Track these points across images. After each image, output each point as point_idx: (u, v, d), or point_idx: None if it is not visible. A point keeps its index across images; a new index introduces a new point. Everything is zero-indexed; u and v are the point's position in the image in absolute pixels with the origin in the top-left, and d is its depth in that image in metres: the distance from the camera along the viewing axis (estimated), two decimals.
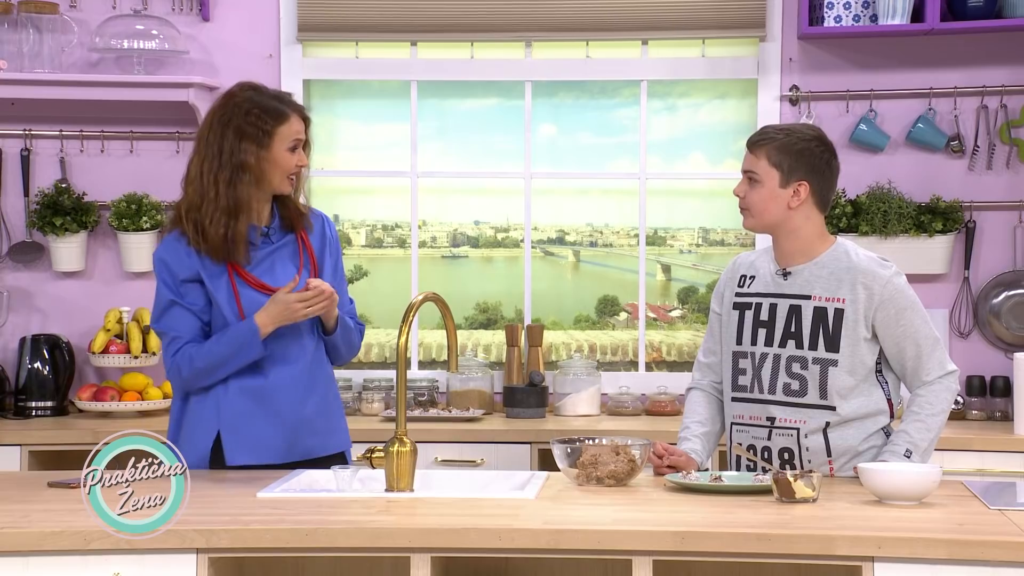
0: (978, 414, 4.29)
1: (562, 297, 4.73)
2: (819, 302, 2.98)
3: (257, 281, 3.09)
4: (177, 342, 3.06)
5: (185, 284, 3.07)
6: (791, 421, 3.00)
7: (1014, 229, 4.40)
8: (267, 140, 3.07)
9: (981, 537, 2.38)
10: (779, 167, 2.97)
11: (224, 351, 3.03)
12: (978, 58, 4.38)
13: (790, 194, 2.97)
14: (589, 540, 2.44)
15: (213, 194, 3.06)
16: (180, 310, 3.07)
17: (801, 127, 3.07)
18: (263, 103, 3.10)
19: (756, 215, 3.01)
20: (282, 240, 3.15)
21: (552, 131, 4.69)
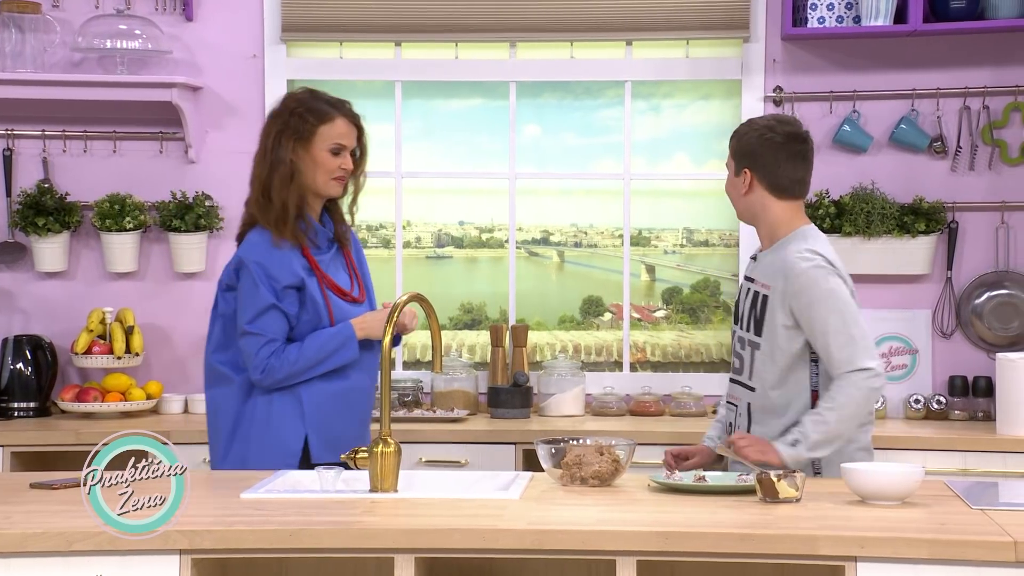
0: (960, 414, 4.31)
1: (546, 297, 4.73)
2: (757, 287, 3.15)
3: (336, 285, 3.24)
4: (274, 344, 3.16)
5: (286, 290, 3.16)
6: (734, 396, 3.22)
7: (996, 230, 4.41)
8: (308, 137, 3.19)
9: (963, 537, 2.39)
10: (733, 157, 3.17)
11: (321, 354, 3.17)
12: (960, 59, 4.40)
13: (741, 182, 3.14)
14: (573, 540, 2.45)
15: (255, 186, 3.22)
16: (278, 314, 3.16)
17: (766, 118, 3.24)
18: (312, 104, 3.23)
19: (737, 208, 3.21)
20: (332, 248, 3.29)
21: (536, 131, 4.69)
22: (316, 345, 3.17)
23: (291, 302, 3.17)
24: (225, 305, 3.25)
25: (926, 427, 4.18)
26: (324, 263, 3.24)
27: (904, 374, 4.42)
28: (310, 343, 3.17)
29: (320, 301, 3.19)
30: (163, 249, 4.55)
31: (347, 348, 3.19)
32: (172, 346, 4.56)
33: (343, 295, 3.25)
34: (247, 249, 3.20)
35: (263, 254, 3.16)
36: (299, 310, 3.18)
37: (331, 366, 3.18)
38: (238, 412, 3.21)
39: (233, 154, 4.53)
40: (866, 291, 4.40)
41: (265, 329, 3.15)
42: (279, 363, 3.15)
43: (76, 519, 2.52)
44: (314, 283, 3.20)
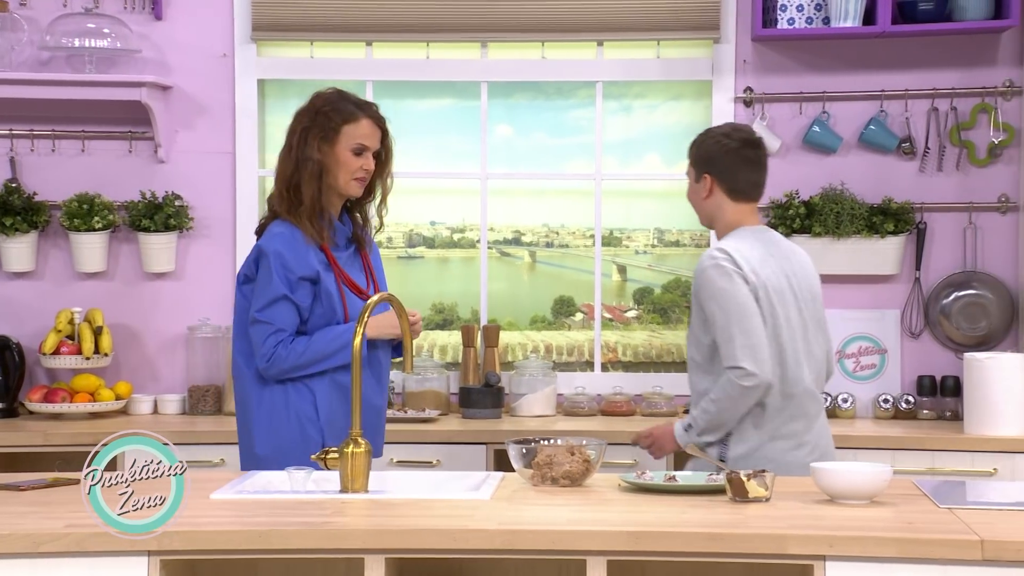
0: (929, 413, 4.33)
1: (518, 298, 4.73)
2: None
3: (353, 283, 3.26)
4: (281, 334, 3.17)
5: (301, 281, 3.17)
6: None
7: (964, 230, 4.44)
8: (332, 136, 3.22)
9: (931, 536, 2.40)
10: (693, 165, 3.35)
11: (329, 348, 3.18)
12: (929, 61, 4.43)
13: (702, 187, 3.32)
14: (543, 540, 2.44)
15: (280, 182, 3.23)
16: (289, 305, 3.17)
17: (722, 126, 3.42)
18: (338, 104, 3.26)
19: (699, 213, 3.39)
20: (350, 248, 3.31)
21: (508, 132, 4.69)
22: (325, 340, 3.18)
23: (304, 294, 3.18)
24: (243, 299, 3.25)
25: (895, 427, 4.20)
26: (342, 260, 3.26)
27: (873, 374, 4.45)
28: (319, 337, 3.19)
29: (336, 296, 3.21)
30: (132, 249, 4.52)
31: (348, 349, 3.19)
32: (141, 346, 4.54)
33: (359, 293, 3.27)
34: (268, 239, 3.21)
35: (282, 244, 3.18)
36: (312, 303, 3.20)
37: (338, 362, 3.18)
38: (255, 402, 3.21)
39: (203, 154, 4.52)
40: (835, 291, 4.44)
41: (274, 319, 3.16)
42: (286, 353, 3.16)
43: (44, 521, 2.51)
44: (331, 278, 3.22)
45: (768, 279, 3.21)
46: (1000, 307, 4.40)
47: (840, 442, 3.93)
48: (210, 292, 4.52)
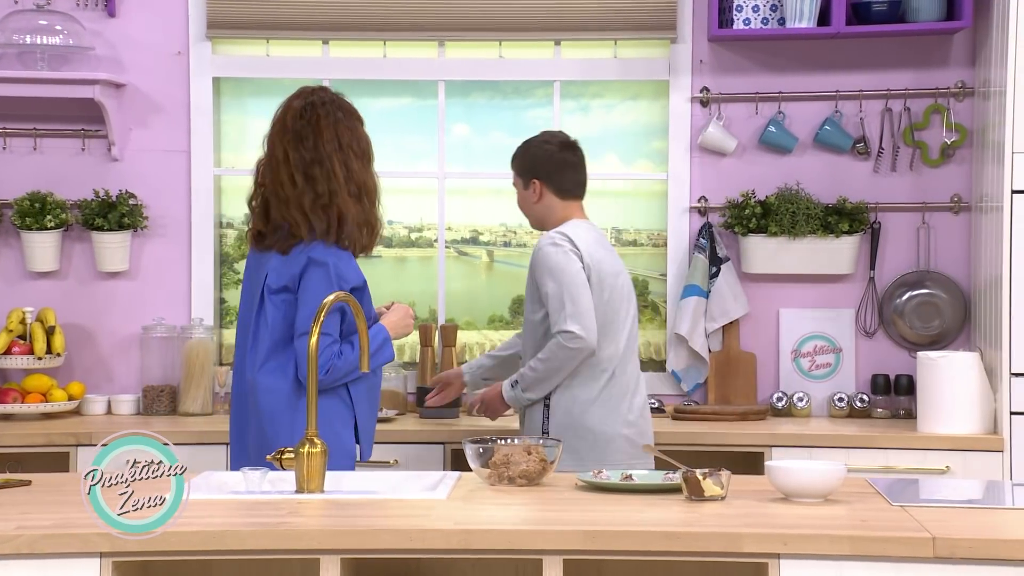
0: (883, 412, 4.37)
1: (476, 297, 4.73)
2: None
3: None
4: (337, 344, 3.18)
5: (353, 291, 3.18)
6: None
7: (917, 230, 4.48)
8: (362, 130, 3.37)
9: (884, 533, 2.42)
10: (520, 174, 3.65)
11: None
12: (883, 62, 4.46)
13: (532, 193, 3.63)
14: (499, 540, 2.44)
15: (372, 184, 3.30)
16: (338, 316, 3.20)
17: (539, 136, 3.69)
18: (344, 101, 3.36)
19: (531, 218, 3.70)
20: None
21: (466, 131, 4.68)
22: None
23: None
24: (275, 310, 3.21)
25: (849, 425, 4.23)
26: None
27: (828, 373, 4.47)
28: None
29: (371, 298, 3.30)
30: (86, 248, 4.48)
31: (386, 348, 3.28)
32: (95, 346, 4.49)
33: None
34: (323, 252, 3.20)
35: (335, 256, 3.21)
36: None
37: (375, 365, 3.24)
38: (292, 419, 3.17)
39: (158, 152, 4.48)
40: (791, 291, 4.47)
41: (332, 329, 3.17)
42: (341, 363, 3.17)
43: None
44: None
45: (601, 262, 3.53)
46: (953, 306, 4.43)
47: (795, 440, 3.99)
48: (165, 292, 4.48)
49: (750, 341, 4.50)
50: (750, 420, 4.24)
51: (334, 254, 3.22)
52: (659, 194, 4.60)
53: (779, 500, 2.72)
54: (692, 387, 4.48)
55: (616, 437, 3.51)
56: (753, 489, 2.83)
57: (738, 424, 4.18)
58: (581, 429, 3.48)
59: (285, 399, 3.21)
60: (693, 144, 4.50)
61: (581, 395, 3.51)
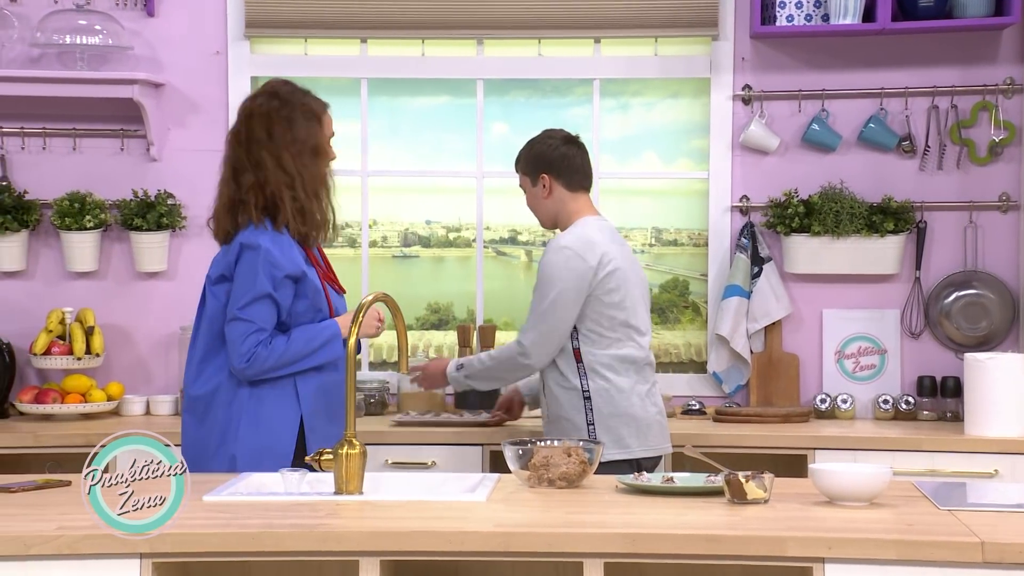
0: (929, 414, 4.30)
1: (514, 297, 4.70)
2: None
3: (333, 277, 3.26)
4: (262, 333, 3.10)
5: (285, 279, 3.11)
6: None
7: (964, 229, 4.42)
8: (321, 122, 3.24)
9: (931, 538, 2.39)
10: (527, 172, 3.66)
11: (308, 348, 3.13)
12: (929, 58, 4.40)
13: (542, 189, 3.64)
14: (540, 542, 2.42)
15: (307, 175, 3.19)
16: (271, 304, 3.12)
17: (540, 135, 3.71)
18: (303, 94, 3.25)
19: (541, 217, 3.69)
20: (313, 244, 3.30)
21: (504, 129, 4.66)
22: (304, 339, 3.14)
23: (286, 293, 3.13)
24: (215, 301, 3.17)
25: (894, 427, 4.18)
26: (315, 254, 3.25)
27: (873, 374, 4.42)
28: (298, 336, 3.14)
29: (321, 292, 3.18)
30: (124, 248, 4.49)
31: (333, 344, 3.16)
32: (134, 347, 4.50)
33: (334, 285, 3.26)
34: (253, 235, 3.14)
35: (270, 240, 3.13)
36: (294, 301, 3.15)
37: (316, 362, 3.15)
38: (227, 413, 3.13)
39: (196, 152, 4.48)
40: (834, 291, 4.42)
41: (256, 317, 3.10)
42: (266, 353, 3.10)
43: (34, 523, 2.49)
44: (313, 273, 3.19)
45: (619, 258, 3.57)
46: (1001, 307, 4.37)
47: (839, 443, 3.94)
48: None
49: (793, 342, 4.45)
50: (793, 422, 4.20)
51: (269, 238, 3.14)
52: (700, 193, 4.56)
53: (823, 504, 2.69)
54: (733, 389, 4.44)
55: (653, 423, 3.58)
56: (796, 492, 2.79)
57: (780, 426, 4.14)
58: (625, 416, 3.52)
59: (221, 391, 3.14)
60: (735, 142, 4.45)
61: (620, 382, 3.54)
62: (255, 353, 3.09)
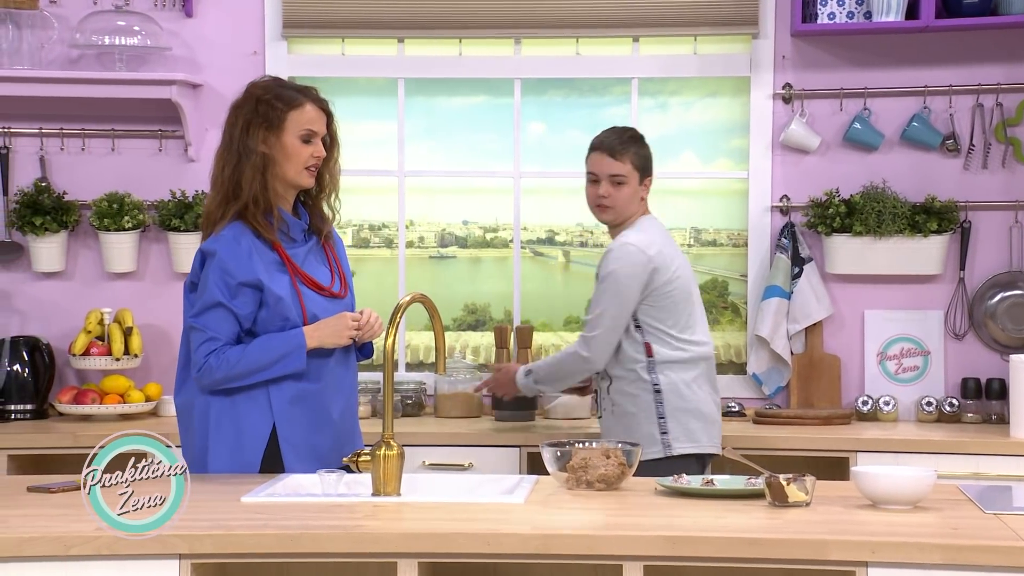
0: (974, 417, 4.25)
1: (552, 298, 4.68)
2: None
3: (312, 280, 3.10)
4: (215, 342, 3.00)
5: (240, 287, 3.01)
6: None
7: (1010, 229, 4.36)
8: (277, 125, 3.05)
9: (976, 542, 2.35)
10: (638, 168, 3.62)
11: (266, 359, 3.01)
12: (973, 56, 4.34)
13: (644, 189, 3.65)
14: (579, 545, 2.41)
15: (219, 182, 3.06)
16: (225, 313, 3.01)
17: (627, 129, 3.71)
18: (278, 91, 3.09)
19: (620, 211, 3.63)
20: (310, 241, 3.15)
21: (541, 129, 4.64)
22: (261, 350, 3.00)
23: (244, 301, 3.01)
24: (190, 307, 3.08)
25: (938, 430, 4.12)
26: (299, 257, 3.09)
27: (916, 376, 4.36)
28: (255, 347, 3.01)
29: (287, 298, 3.03)
30: (162, 249, 4.50)
31: (294, 356, 3.00)
32: (172, 347, 4.49)
33: (320, 290, 3.09)
34: (211, 241, 3.05)
35: (224, 247, 3.01)
36: (257, 310, 3.03)
37: (275, 374, 3.00)
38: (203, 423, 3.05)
39: None
40: (877, 291, 4.37)
41: (208, 326, 3.00)
42: (217, 363, 2.98)
43: (74, 523, 2.49)
44: (285, 280, 3.05)
45: (676, 256, 3.63)
46: None
47: (881, 445, 3.90)
48: None
49: (834, 343, 4.41)
50: (834, 424, 4.15)
51: (227, 244, 3.00)
52: (739, 193, 4.52)
53: (866, 507, 2.66)
54: (774, 390, 4.40)
55: (718, 419, 3.65)
56: (839, 495, 2.77)
57: (822, 428, 4.10)
58: (695, 411, 3.56)
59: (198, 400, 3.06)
60: (775, 142, 4.41)
61: (688, 376, 3.58)
62: (206, 363, 2.99)
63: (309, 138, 3.07)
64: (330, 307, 3.11)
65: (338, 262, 3.20)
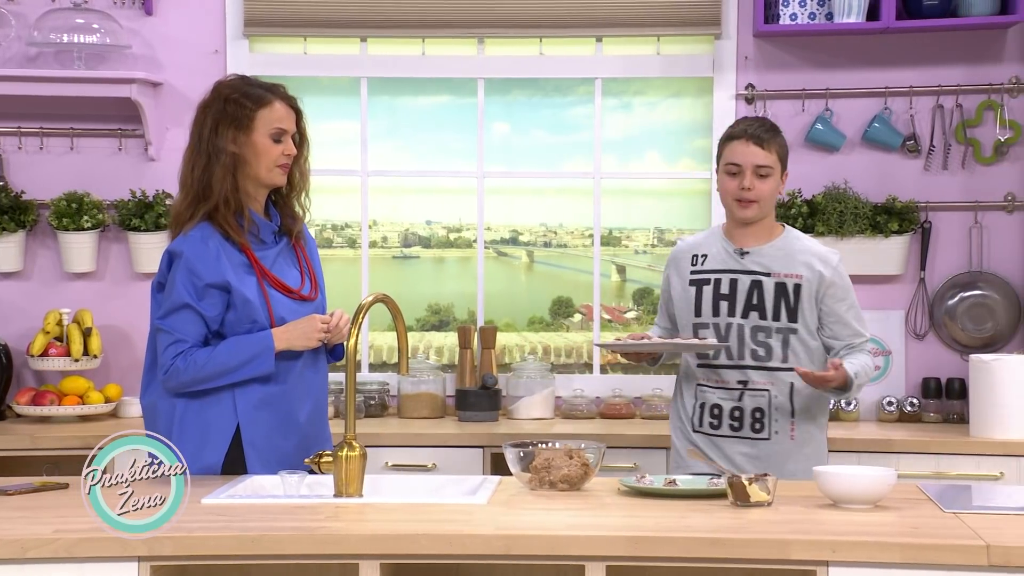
0: (934, 416, 4.27)
1: (516, 298, 4.68)
2: (779, 278, 3.30)
3: (280, 282, 3.07)
4: (181, 344, 2.98)
5: (208, 289, 2.99)
6: (762, 383, 3.29)
7: (970, 230, 4.39)
8: (247, 124, 3.02)
9: (935, 541, 2.37)
10: (781, 161, 3.32)
11: (234, 361, 2.98)
12: (933, 57, 4.37)
13: (782, 184, 3.35)
14: (541, 545, 2.41)
15: (189, 182, 3.03)
16: (192, 315, 2.99)
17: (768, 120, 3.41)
18: (246, 90, 3.06)
19: (764, 207, 3.31)
20: (281, 242, 3.13)
21: (505, 129, 4.63)
22: (228, 352, 2.98)
23: (212, 303, 2.99)
24: (157, 308, 3.06)
25: (899, 429, 4.15)
26: (268, 259, 3.07)
27: (877, 376, 4.38)
28: (223, 349, 2.99)
29: (255, 300, 3.01)
30: (122, 249, 4.46)
31: (262, 359, 2.98)
32: (132, 348, 4.47)
33: (288, 293, 3.07)
34: (179, 242, 3.02)
35: (192, 248, 2.99)
36: (225, 311, 3.01)
37: (243, 377, 2.98)
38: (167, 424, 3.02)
39: None
40: None
41: (175, 328, 2.98)
42: (184, 366, 2.97)
43: (31, 525, 2.47)
44: (251, 282, 3.03)
45: None
46: (1006, 308, 4.34)
47: (844, 445, 3.92)
48: None
49: None
50: None
51: (194, 245, 2.98)
52: (703, 193, 4.53)
53: (827, 506, 2.67)
54: None
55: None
56: (800, 495, 2.78)
57: None
58: (822, 398, 3.35)
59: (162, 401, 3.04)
60: None
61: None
62: (173, 365, 2.98)
63: (280, 136, 3.06)
64: (299, 310, 3.09)
65: (309, 263, 3.18)
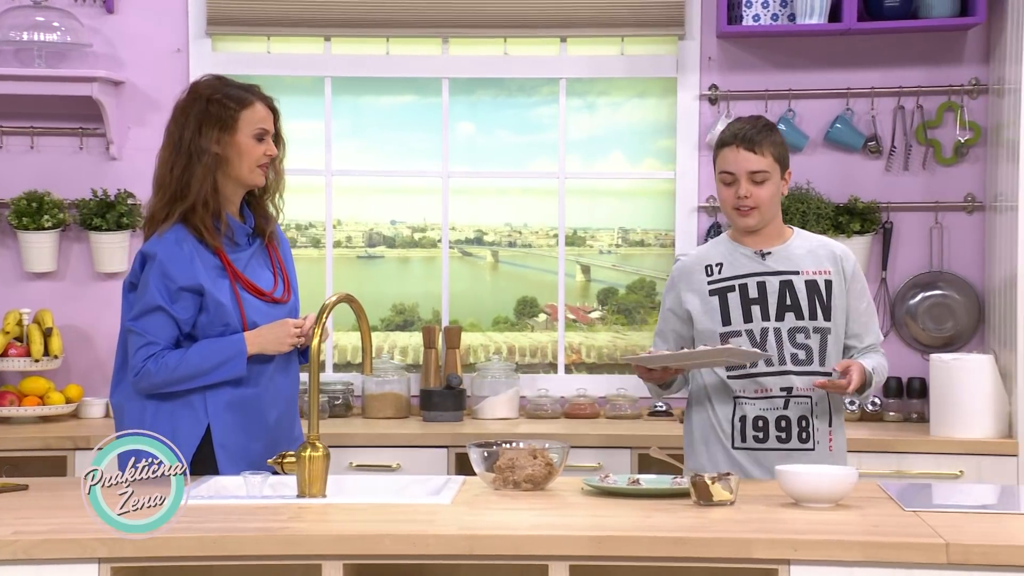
0: (895, 415, 4.31)
1: (480, 298, 4.67)
2: (808, 276, 3.14)
3: (253, 286, 3.06)
4: (153, 347, 2.97)
5: (181, 292, 2.97)
6: (806, 389, 3.12)
7: (930, 230, 4.42)
8: (231, 125, 3.02)
9: (896, 539, 2.38)
10: (779, 161, 3.12)
11: (206, 365, 2.97)
12: (895, 58, 4.41)
13: (784, 185, 3.16)
14: (505, 545, 2.40)
15: (167, 182, 3.02)
16: (164, 317, 2.97)
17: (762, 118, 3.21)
18: (227, 91, 3.05)
19: (765, 213, 3.11)
20: (254, 244, 3.12)
21: (470, 129, 4.63)
22: (200, 355, 2.98)
23: (185, 306, 2.98)
24: (128, 309, 3.05)
25: (861, 429, 4.17)
26: (241, 262, 3.06)
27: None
28: (195, 352, 2.98)
29: (228, 304, 3.00)
30: (83, 248, 4.43)
31: (234, 363, 2.97)
32: (93, 348, 4.44)
33: (261, 295, 3.06)
34: (152, 243, 3.01)
35: (166, 249, 2.98)
36: (197, 314, 3.00)
37: (215, 379, 2.97)
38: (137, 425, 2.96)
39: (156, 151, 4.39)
40: None
41: (146, 330, 2.96)
42: (156, 368, 2.96)
43: None
44: (225, 285, 3.01)
45: None
46: (966, 308, 4.38)
47: None
48: None
49: None
50: None
51: (168, 247, 2.96)
52: (666, 193, 4.54)
53: (789, 505, 2.68)
54: None
55: None
56: (763, 494, 2.79)
57: None
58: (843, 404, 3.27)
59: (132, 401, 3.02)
60: (701, 142, 4.45)
61: None
62: (144, 367, 2.97)
63: (262, 136, 3.07)
64: (272, 313, 3.08)
65: (282, 265, 3.17)
